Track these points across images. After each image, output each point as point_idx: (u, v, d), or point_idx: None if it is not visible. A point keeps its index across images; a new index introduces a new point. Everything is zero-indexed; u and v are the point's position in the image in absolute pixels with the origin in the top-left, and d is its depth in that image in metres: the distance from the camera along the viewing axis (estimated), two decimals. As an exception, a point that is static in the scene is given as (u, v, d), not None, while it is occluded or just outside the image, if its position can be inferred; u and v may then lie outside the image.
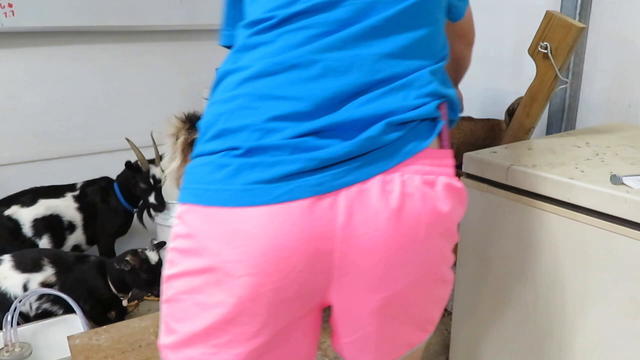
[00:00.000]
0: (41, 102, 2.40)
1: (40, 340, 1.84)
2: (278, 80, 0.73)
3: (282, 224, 0.69)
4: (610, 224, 0.91)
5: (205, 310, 0.73)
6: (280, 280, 0.72)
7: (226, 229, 0.70)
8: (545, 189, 0.99)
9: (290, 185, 0.69)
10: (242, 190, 0.70)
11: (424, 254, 0.76)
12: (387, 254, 0.73)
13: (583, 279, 0.98)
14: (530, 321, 1.10)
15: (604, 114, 1.52)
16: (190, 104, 2.59)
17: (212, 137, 0.74)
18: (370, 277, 0.75)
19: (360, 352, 0.85)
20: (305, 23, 0.75)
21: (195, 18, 2.55)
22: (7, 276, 1.92)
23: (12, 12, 2.16)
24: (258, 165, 0.70)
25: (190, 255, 0.73)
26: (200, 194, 0.72)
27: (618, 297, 0.94)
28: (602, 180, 0.94)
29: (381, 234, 0.72)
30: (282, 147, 0.71)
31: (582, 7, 1.47)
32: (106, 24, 2.38)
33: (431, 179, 0.74)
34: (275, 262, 0.70)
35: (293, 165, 0.70)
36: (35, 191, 2.27)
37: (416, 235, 0.73)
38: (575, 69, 1.53)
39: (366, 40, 0.75)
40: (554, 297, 1.04)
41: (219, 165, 0.72)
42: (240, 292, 0.71)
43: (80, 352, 1.36)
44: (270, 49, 0.75)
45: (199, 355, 0.75)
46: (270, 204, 0.69)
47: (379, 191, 0.71)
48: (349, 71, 0.74)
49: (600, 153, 1.10)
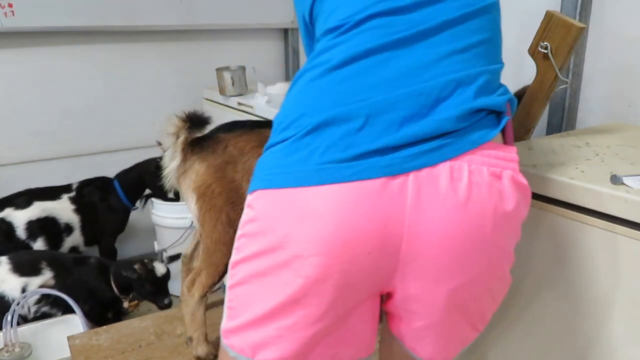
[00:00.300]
0: (41, 102, 2.39)
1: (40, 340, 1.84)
2: (353, 70, 0.76)
3: (353, 204, 0.70)
4: (610, 224, 0.91)
5: (273, 291, 0.74)
6: (349, 262, 0.72)
7: (297, 209, 0.72)
8: (546, 189, 0.99)
9: (362, 165, 0.71)
10: (315, 170, 0.71)
11: (489, 248, 0.76)
12: (453, 243, 0.73)
13: (583, 279, 0.98)
14: (529, 320, 1.10)
15: (604, 114, 1.52)
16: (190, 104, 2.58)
17: (286, 126, 0.76)
18: (436, 266, 0.75)
19: (418, 341, 0.86)
20: (379, 23, 0.77)
21: (195, 18, 2.55)
22: (5, 279, 1.91)
23: (12, 12, 2.16)
24: (331, 146, 0.72)
25: (258, 238, 0.75)
26: (271, 178, 0.74)
27: (618, 297, 0.94)
28: (602, 180, 0.94)
29: (448, 222, 0.72)
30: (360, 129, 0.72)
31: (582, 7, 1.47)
32: (106, 24, 2.38)
33: (497, 171, 0.74)
34: (345, 242, 0.71)
35: (367, 146, 0.71)
36: (30, 193, 2.24)
37: (482, 227, 0.74)
38: (575, 69, 1.53)
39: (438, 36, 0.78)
40: (553, 297, 1.04)
41: (291, 150, 0.74)
42: (309, 273, 0.72)
43: (80, 352, 1.36)
44: (346, 46, 0.78)
45: (263, 338, 0.76)
46: (343, 182, 0.70)
47: (448, 178, 0.72)
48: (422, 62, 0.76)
49: (600, 153, 1.10)
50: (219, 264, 1.25)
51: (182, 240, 2.35)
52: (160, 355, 1.34)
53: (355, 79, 0.75)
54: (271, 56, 2.91)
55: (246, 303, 0.77)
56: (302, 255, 0.71)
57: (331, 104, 0.74)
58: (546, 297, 1.05)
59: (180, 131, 1.21)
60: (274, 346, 0.77)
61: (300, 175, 0.72)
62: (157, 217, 2.41)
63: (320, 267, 0.71)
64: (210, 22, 2.60)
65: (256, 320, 0.76)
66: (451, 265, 0.75)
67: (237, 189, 1.21)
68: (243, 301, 0.78)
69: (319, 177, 0.71)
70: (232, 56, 2.69)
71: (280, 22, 2.82)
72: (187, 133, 1.21)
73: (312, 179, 0.71)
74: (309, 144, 0.73)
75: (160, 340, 1.40)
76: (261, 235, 0.74)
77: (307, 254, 0.71)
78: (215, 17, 2.59)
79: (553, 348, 1.07)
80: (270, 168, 0.75)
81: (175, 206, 2.35)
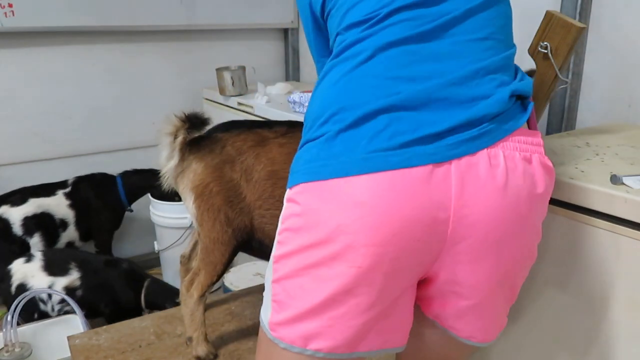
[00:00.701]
0: (41, 102, 2.39)
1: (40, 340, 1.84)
2: (392, 62, 0.78)
3: (402, 191, 0.72)
4: (610, 224, 0.91)
5: (324, 282, 0.75)
6: (399, 249, 0.74)
7: (346, 199, 0.72)
8: (545, 189, 0.99)
9: (409, 153, 0.72)
10: (362, 159, 0.72)
11: (525, 227, 0.81)
12: (495, 225, 0.77)
13: (583, 279, 0.98)
14: (528, 320, 1.10)
15: (604, 114, 1.52)
16: (190, 104, 2.59)
17: (326, 120, 0.77)
18: (480, 248, 0.78)
19: (457, 319, 0.88)
20: (408, 15, 0.80)
21: (195, 18, 2.55)
22: (35, 275, 1.94)
23: (12, 12, 2.16)
24: (376, 135, 0.73)
25: (306, 231, 0.75)
26: (317, 170, 0.74)
27: (618, 297, 0.94)
28: (602, 180, 0.94)
29: (490, 206, 0.75)
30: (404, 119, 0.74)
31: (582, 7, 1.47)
32: (106, 24, 2.38)
33: (528, 156, 0.78)
34: (395, 230, 0.72)
35: (413, 134, 0.73)
36: (25, 190, 2.26)
37: (519, 208, 0.78)
38: (575, 69, 1.53)
39: (462, 25, 0.81)
40: (553, 296, 1.04)
41: (335, 142, 0.75)
42: (360, 262, 0.73)
43: (80, 352, 1.36)
44: (376, 38, 0.79)
45: (315, 328, 0.77)
46: (390, 169, 0.71)
47: (487, 165, 0.75)
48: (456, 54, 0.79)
49: (600, 153, 1.10)
50: (217, 263, 1.25)
51: (181, 240, 2.35)
52: (160, 355, 1.34)
53: (390, 70, 0.77)
54: (271, 56, 2.91)
55: (296, 295, 0.78)
56: (354, 245, 0.73)
57: (371, 96, 0.75)
58: (546, 297, 1.05)
59: (178, 131, 1.21)
60: (326, 335, 0.78)
61: (346, 166, 0.72)
62: (157, 217, 2.41)
63: (372, 256, 0.73)
64: (210, 22, 2.60)
65: (308, 311, 0.77)
66: (493, 245, 0.79)
67: (235, 188, 1.21)
68: (292, 294, 0.78)
69: (366, 166, 0.72)
70: (232, 56, 2.69)
71: (280, 22, 2.82)
72: (186, 133, 1.21)
73: (360, 168, 0.72)
74: (353, 136, 0.74)
75: (160, 340, 1.40)
76: (309, 229, 0.75)
77: (358, 244, 0.72)
78: (215, 17, 2.59)
79: (554, 346, 1.07)
80: (314, 161, 0.75)
81: (174, 206, 2.35)
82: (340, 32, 0.85)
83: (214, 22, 2.60)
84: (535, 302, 1.07)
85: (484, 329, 0.90)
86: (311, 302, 0.76)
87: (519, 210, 0.78)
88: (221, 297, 1.63)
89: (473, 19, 0.82)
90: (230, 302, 1.57)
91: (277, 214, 1.18)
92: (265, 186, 1.20)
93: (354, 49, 0.81)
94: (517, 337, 1.13)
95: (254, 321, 1.46)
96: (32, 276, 1.94)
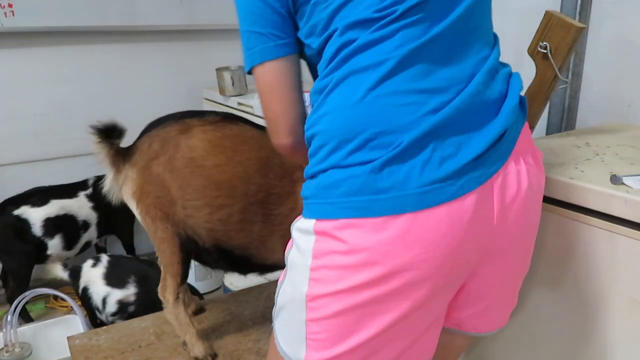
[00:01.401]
0: (41, 102, 2.39)
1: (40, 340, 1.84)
2: (415, 73, 0.72)
3: (459, 222, 0.70)
4: (610, 224, 0.91)
5: (375, 319, 0.72)
6: (454, 275, 0.74)
7: (404, 236, 0.68)
8: (546, 189, 0.99)
9: (462, 180, 0.70)
10: (418, 194, 0.68)
11: (537, 222, 0.85)
12: (525, 229, 0.80)
13: (583, 279, 0.98)
14: (529, 320, 1.10)
15: (604, 114, 1.51)
16: (190, 104, 2.59)
17: (360, 145, 0.70)
18: (514, 253, 0.81)
19: (479, 319, 0.90)
20: (421, 14, 0.73)
21: (195, 18, 2.55)
22: (95, 282, 1.92)
23: (12, 12, 2.16)
24: (426, 164, 0.69)
25: (357, 271, 0.70)
26: (366, 206, 0.68)
27: (618, 297, 0.94)
28: (602, 180, 0.94)
29: (522, 212, 0.77)
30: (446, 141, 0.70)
31: (582, 7, 1.47)
32: (106, 24, 2.38)
33: (534, 152, 0.80)
34: (454, 260, 0.72)
35: (460, 159, 0.70)
36: (46, 191, 2.27)
37: (539, 206, 0.81)
38: (575, 69, 1.52)
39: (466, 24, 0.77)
40: (553, 296, 1.04)
41: (382, 174, 0.68)
42: (418, 296, 0.71)
43: (80, 352, 1.36)
44: (395, 44, 0.72)
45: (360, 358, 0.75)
46: (447, 201, 0.69)
47: (515, 173, 0.75)
48: (464, 53, 0.76)
49: (600, 153, 1.10)
50: (173, 263, 1.23)
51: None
52: (160, 355, 1.34)
53: (417, 82, 0.71)
54: (271, 56, 2.90)
55: (342, 333, 0.74)
56: (414, 281, 0.70)
57: (409, 117, 0.70)
58: (545, 296, 1.05)
59: (102, 144, 1.20)
60: None
61: (401, 201, 0.68)
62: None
63: (430, 288, 0.72)
64: (210, 22, 2.59)
65: (354, 347, 0.74)
66: (523, 247, 0.82)
67: (162, 182, 1.18)
68: (337, 332, 0.74)
69: (424, 202, 0.68)
70: (232, 56, 2.68)
71: (280, 22, 2.82)
72: (109, 144, 1.20)
73: (416, 204, 0.68)
74: (403, 167, 0.68)
75: (160, 341, 1.40)
76: (361, 268, 0.69)
77: (419, 279, 0.70)
78: (215, 17, 2.59)
79: (554, 346, 1.07)
80: (358, 194, 0.69)
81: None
82: (341, 28, 0.75)
83: (214, 22, 2.60)
84: (535, 301, 1.07)
85: (501, 318, 0.94)
86: (359, 339, 0.73)
87: (538, 208, 0.82)
88: (221, 297, 1.63)
89: (473, 12, 0.77)
90: (230, 302, 1.57)
91: (198, 205, 1.16)
92: (184, 175, 1.16)
93: (371, 55, 0.72)
94: (515, 336, 1.13)
95: (253, 321, 1.46)
96: (93, 282, 1.92)
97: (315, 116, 0.76)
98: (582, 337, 1.01)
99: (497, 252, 0.79)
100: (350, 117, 0.71)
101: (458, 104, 0.71)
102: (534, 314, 1.08)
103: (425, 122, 0.69)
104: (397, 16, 0.72)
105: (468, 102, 0.72)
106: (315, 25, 0.78)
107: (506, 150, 0.74)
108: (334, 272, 0.71)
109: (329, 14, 0.76)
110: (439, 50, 0.73)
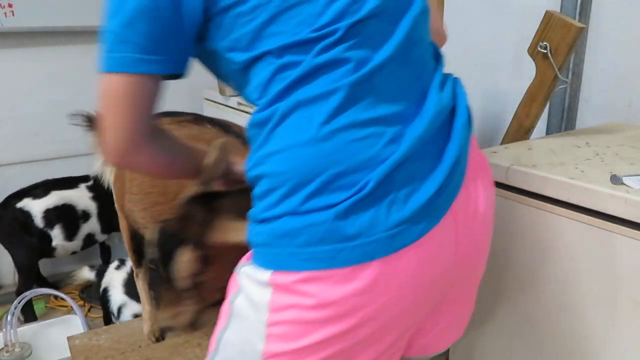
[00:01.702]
0: (41, 102, 2.39)
1: (40, 341, 1.84)
2: (368, 101, 0.65)
3: (428, 258, 0.67)
4: (610, 224, 0.91)
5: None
6: (422, 311, 0.73)
7: (375, 284, 0.63)
8: (546, 189, 0.99)
9: (429, 215, 0.65)
10: (387, 238, 0.62)
11: (492, 231, 0.83)
12: (486, 245, 0.80)
13: (583, 279, 0.98)
14: (529, 321, 1.10)
15: (604, 114, 1.51)
16: (190, 104, 2.58)
17: (318, 189, 0.63)
18: (475, 270, 0.81)
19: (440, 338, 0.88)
20: (367, 34, 0.67)
21: (195, 18, 2.55)
22: (115, 287, 1.91)
23: (12, 12, 2.16)
24: (392, 204, 0.63)
25: (323, 325, 0.64)
26: (331, 256, 0.62)
27: (618, 297, 0.94)
28: (602, 180, 0.94)
29: (479, 231, 0.76)
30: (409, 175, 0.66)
31: (582, 7, 1.47)
32: (106, 24, 2.38)
33: (480, 161, 0.78)
34: (424, 298, 0.70)
35: (424, 193, 0.65)
36: (48, 183, 2.30)
37: (491, 220, 0.80)
38: (575, 69, 1.52)
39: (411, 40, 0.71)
40: (553, 298, 1.04)
41: (347, 221, 0.62)
42: (387, 339, 0.70)
43: (80, 352, 1.36)
44: (345, 69, 0.65)
45: None
46: (417, 240, 0.64)
47: (473, 191, 0.74)
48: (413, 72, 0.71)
49: (600, 153, 1.10)
50: (129, 249, 1.38)
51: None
52: (160, 355, 1.34)
53: (370, 110, 0.65)
54: (271, 56, 2.90)
55: None
56: (382, 328, 0.67)
57: (370, 154, 0.64)
58: (546, 297, 1.05)
59: (91, 130, 1.28)
60: None
61: (370, 248, 0.62)
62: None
63: (400, 330, 0.70)
64: (210, 22, 2.59)
65: None
66: (481, 259, 0.81)
67: (122, 176, 1.28)
68: None
69: (393, 245, 0.63)
70: (232, 56, 2.68)
71: (280, 22, 2.82)
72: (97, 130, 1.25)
73: (386, 249, 0.63)
74: (368, 210, 0.62)
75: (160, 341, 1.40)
76: (328, 321, 0.64)
77: (387, 325, 0.67)
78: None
79: (553, 346, 1.07)
80: (321, 244, 0.62)
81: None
82: (275, 50, 0.66)
83: (214, 22, 2.60)
84: (535, 302, 1.07)
85: (460, 331, 0.92)
86: None
87: (492, 217, 0.80)
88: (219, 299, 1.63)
89: (418, 25, 0.72)
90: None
91: (136, 199, 1.23)
92: None
93: (318, 84, 0.65)
94: (516, 338, 1.13)
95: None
96: (114, 286, 1.91)
97: (259, 154, 0.67)
98: (582, 337, 1.01)
99: (463, 272, 0.77)
100: (306, 158, 0.63)
101: (419, 134, 0.66)
102: (533, 314, 1.08)
103: (386, 154, 0.64)
104: (339, 37, 0.65)
105: (427, 129, 0.67)
106: (238, 39, 0.68)
107: (462, 171, 0.70)
108: (297, 328, 0.65)
109: (254, 29, 0.67)
110: (388, 73, 0.67)
